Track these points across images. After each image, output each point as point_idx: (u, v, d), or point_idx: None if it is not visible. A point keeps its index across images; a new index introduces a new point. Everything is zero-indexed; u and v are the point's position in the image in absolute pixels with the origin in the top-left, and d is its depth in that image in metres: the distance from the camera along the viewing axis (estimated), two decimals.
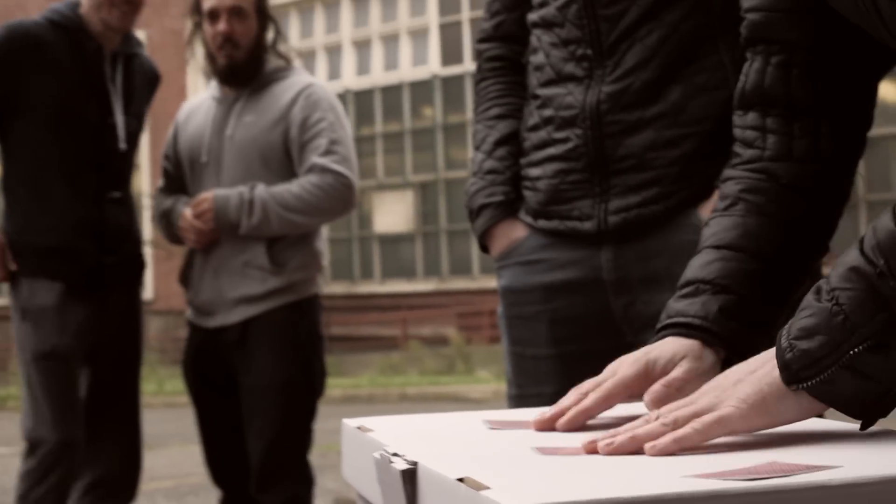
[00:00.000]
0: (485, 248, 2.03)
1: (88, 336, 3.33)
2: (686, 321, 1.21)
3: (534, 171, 1.90)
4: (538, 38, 1.90)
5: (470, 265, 17.25)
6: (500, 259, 1.97)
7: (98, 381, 3.40)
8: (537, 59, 1.90)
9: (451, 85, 17.71)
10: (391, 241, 18.06)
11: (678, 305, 1.24)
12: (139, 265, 3.54)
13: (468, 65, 17.35)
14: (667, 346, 1.19)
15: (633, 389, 1.15)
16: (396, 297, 17.67)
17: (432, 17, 17.86)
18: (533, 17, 1.92)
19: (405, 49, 18.20)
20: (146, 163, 20.16)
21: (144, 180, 19.69)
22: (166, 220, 3.47)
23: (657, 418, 0.95)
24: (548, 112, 1.87)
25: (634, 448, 0.91)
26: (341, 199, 3.29)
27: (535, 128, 1.90)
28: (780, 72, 1.24)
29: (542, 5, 1.89)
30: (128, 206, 3.48)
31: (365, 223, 18.08)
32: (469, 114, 17.37)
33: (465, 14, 17.53)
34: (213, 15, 3.35)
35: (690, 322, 1.20)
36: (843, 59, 1.20)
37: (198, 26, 3.45)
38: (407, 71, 18.14)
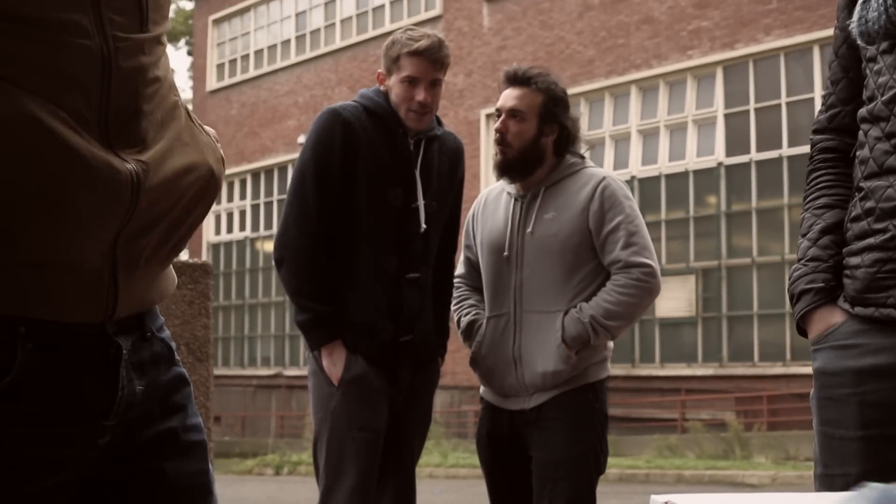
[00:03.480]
0: (802, 332, 2.06)
1: (386, 412, 3.44)
2: None
3: (853, 260, 1.94)
4: (865, 132, 1.95)
5: (751, 351, 16.96)
6: (816, 342, 1.99)
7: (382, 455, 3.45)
8: (863, 153, 1.95)
9: (736, 173, 17.58)
10: (672, 326, 18.02)
11: None
12: (432, 345, 3.60)
13: (753, 154, 17.29)
14: None
15: None
16: (676, 380, 17.53)
17: (719, 108, 17.90)
18: (862, 111, 1.97)
19: (691, 138, 18.28)
20: None
21: None
22: (467, 332, 3.60)
23: None
24: (869, 204, 1.90)
25: None
26: (648, 289, 3.39)
27: (856, 219, 1.94)
28: None
29: (870, 100, 1.94)
30: (424, 287, 3.53)
31: None
32: (753, 202, 17.31)
33: (752, 104, 17.46)
34: (498, 114, 3.47)
35: None
36: None
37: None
38: (692, 160, 18.23)
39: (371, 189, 3.42)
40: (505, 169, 3.48)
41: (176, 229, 1.40)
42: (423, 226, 3.49)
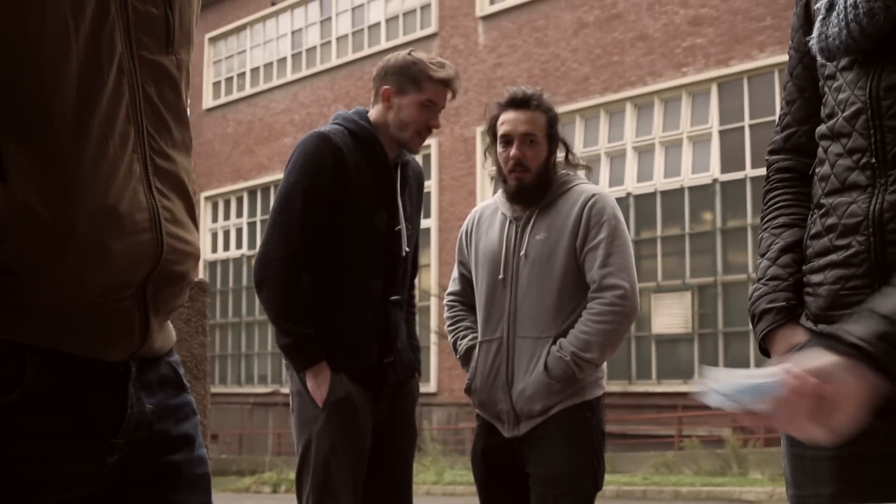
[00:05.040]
0: (766, 352, 2.02)
1: (370, 432, 3.43)
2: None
3: (815, 278, 1.90)
4: (825, 149, 1.92)
5: (747, 366, 16.96)
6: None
7: (371, 474, 3.45)
8: (823, 169, 1.91)
9: (731, 190, 17.62)
10: (668, 342, 18.01)
11: None
12: (410, 362, 3.58)
13: (748, 170, 17.32)
14: None
15: None
16: (672, 396, 17.54)
17: (713, 124, 17.97)
18: (822, 129, 1.94)
19: (686, 155, 18.33)
20: (434, 262, 20.66)
21: (432, 279, 20.21)
22: (465, 358, 3.58)
23: None
24: (831, 220, 1.87)
25: None
26: (623, 313, 3.34)
27: (817, 235, 1.91)
28: None
29: (830, 117, 1.90)
30: (404, 307, 3.57)
31: (643, 324, 18.05)
32: (749, 219, 17.34)
33: (746, 121, 17.51)
34: (507, 140, 3.46)
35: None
36: None
37: (492, 144, 3.56)
38: (687, 176, 18.27)
39: (360, 214, 3.42)
40: (522, 194, 3.48)
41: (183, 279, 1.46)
42: (406, 249, 3.51)
